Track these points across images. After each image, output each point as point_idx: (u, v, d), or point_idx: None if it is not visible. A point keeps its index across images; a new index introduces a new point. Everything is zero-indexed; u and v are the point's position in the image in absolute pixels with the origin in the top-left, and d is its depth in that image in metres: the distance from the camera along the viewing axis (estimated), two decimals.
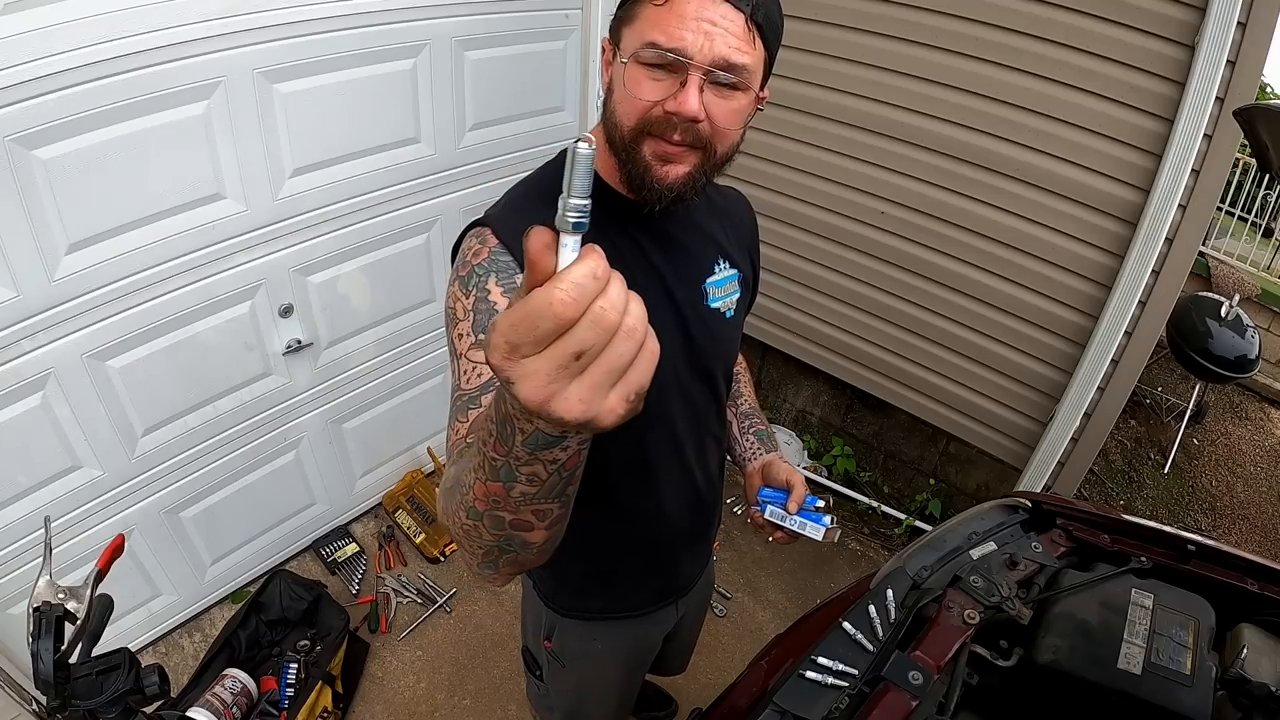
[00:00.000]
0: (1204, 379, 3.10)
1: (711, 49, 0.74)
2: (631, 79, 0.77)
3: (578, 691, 1.30)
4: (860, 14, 2.13)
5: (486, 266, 0.80)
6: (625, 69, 0.77)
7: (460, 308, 0.80)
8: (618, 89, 0.79)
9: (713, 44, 0.74)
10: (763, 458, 1.15)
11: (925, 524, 2.67)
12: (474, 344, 0.78)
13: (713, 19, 0.73)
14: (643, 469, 0.98)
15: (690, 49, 0.73)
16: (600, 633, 1.18)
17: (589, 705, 1.34)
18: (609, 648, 1.21)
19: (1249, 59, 1.64)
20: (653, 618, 1.21)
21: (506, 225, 0.82)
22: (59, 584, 1.09)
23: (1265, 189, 5.19)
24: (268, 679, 1.92)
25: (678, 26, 0.73)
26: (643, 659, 1.32)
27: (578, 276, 0.39)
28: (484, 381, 0.78)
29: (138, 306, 1.67)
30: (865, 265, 2.40)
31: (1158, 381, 3.77)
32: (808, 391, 2.97)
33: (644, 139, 0.79)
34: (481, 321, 0.78)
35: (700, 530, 1.15)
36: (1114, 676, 0.92)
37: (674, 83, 0.76)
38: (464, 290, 0.80)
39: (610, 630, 1.18)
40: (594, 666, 1.24)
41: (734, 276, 1.00)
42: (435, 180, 2.14)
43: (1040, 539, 1.21)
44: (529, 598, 1.23)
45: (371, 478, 2.53)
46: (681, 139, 0.77)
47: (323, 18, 1.70)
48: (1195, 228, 1.84)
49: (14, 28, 1.28)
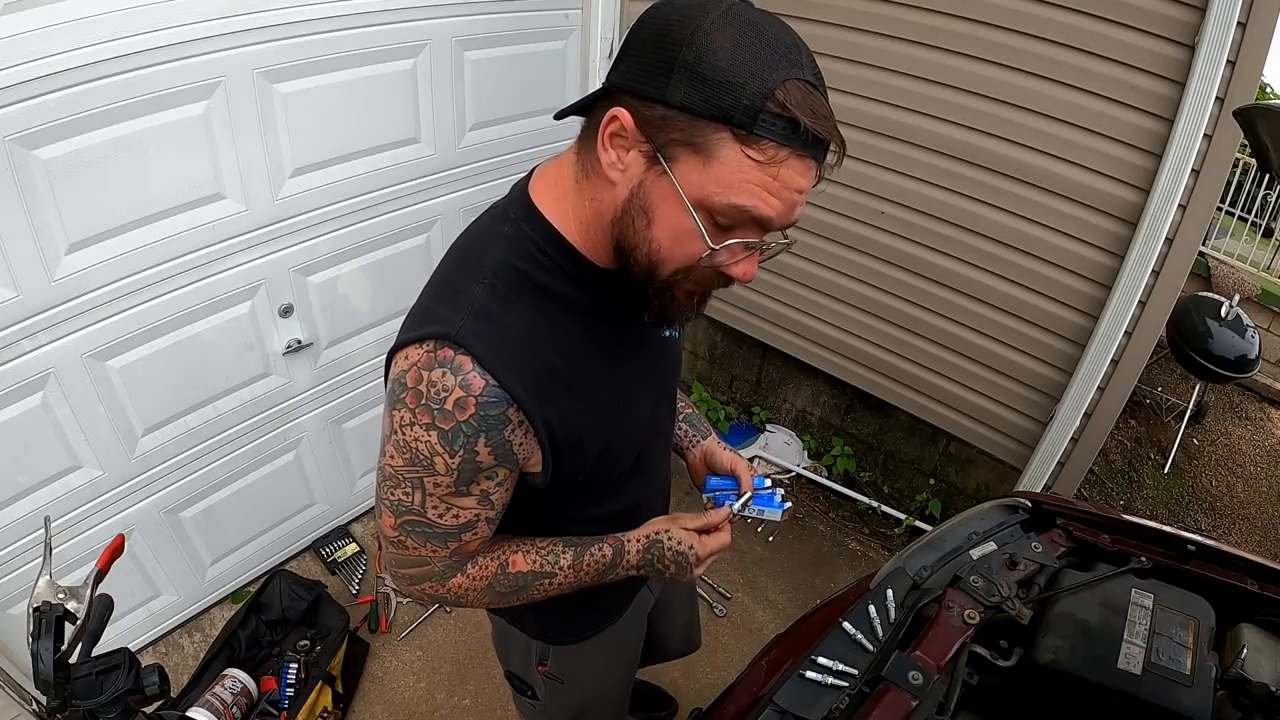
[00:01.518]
0: (1204, 379, 3.10)
1: (789, 219, 0.65)
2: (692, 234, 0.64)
3: (581, 702, 1.28)
4: (860, 14, 2.12)
5: (475, 426, 0.70)
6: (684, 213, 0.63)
7: (441, 464, 0.71)
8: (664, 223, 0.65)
9: (792, 215, 0.65)
10: (701, 445, 1.13)
11: (925, 524, 2.67)
12: (452, 492, 0.74)
13: (803, 188, 0.63)
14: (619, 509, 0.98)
15: (777, 223, 0.64)
16: (593, 646, 1.17)
17: (594, 710, 1.33)
18: (604, 655, 1.22)
19: (1249, 59, 1.64)
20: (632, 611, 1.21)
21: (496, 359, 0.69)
22: (59, 584, 1.09)
23: (1265, 189, 5.19)
24: (268, 679, 1.93)
25: (774, 196, 0.62)
26: (635, 649, 1.32)
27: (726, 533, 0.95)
28: (463, 523, 0.78)
29: (138, 306, 1.67)
30: (865, 265, 2.40)
31: (1158, 381, 3.77)
32: (808, 391, 2.97)
33: (682, 281, 0.70)
34: (466, 479, 0.74)
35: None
36: (1114, 676, 0.92)
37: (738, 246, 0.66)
38: (446, 447, 0.70)
39: (602, 641, 1.17)
40: (593, 676, 1.24)
41: None
42: (435, 180, 2.14)
43: (1040, 539, 1.21)
44: (508, 634, 1.19)
45: (372, 477, 2.51)
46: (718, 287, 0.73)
47: (323, 18, 1.70)
48: (1195, 228, 1.84)
49: (14, 28, 1.28)
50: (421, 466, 0.72)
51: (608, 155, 0.66)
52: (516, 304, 0.72)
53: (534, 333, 0.73)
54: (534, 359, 0.72)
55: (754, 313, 2.76)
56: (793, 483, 2.92)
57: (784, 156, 0.60)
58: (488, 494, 0.77)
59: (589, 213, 0.72)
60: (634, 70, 0.63)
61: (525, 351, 0.72)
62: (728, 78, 0.58)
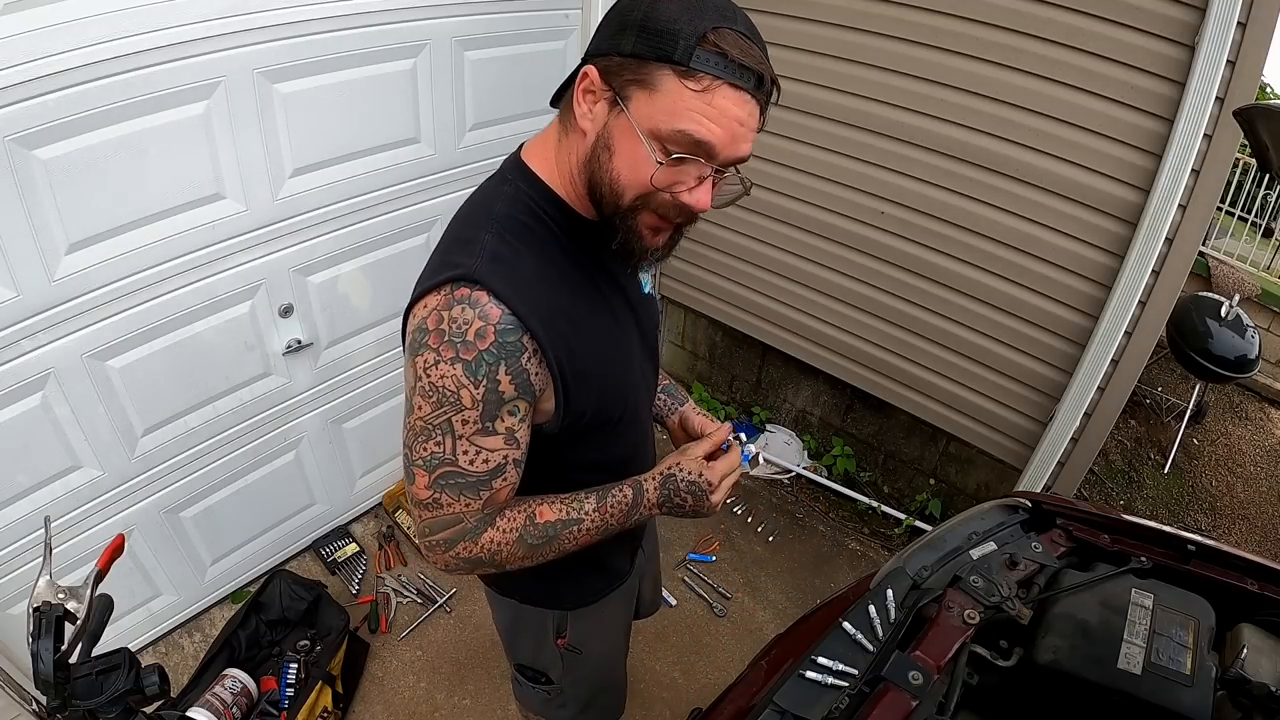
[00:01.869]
0: (1204, 379, 3.10)
1: (736, 150, 0.73)
2: (642, 158, 0.73)
3: (596, 673, 1.32)
4: (860, 14, 2.13)
5: (495, 354, 0.76)
6: (639, 141, 0.72)
7: (468, 396, 0.77)
8: (619, 155, 0.74)
9: (737, 145, 0.73)
10: (679, 410, 1.18)
11: (925, 524, 2.67)
12: (479, 430, 0.79)
13: (742, 118, 0.72)
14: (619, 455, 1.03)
15: (719, 148, 0.72)
16: (606, 608, 1.23)
17: (611, 677, 1.39)
18: (612, 617, 1.28)
19: (1249, 59, 1.64)
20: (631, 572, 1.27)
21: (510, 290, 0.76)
22: (59, 584, 1.09)
23: (1265, 189, 5.19)
24: (268, 679, 1.93)
25: (712, 123, 0.70)
26: (630, 609, 1.38)
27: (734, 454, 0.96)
28: (493, 467, 0.82)
29: (138, 306, 1.67)
30: (865, 265, 2.40)
31: (1158, 381, 3.77)
32: (808, 391, 2.97)
33: (641, 211, 0.77)
34: (491, 411, 0.78)
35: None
36: (1114, 676, 0.92)
37: (692, 172, 0.74)
38: (471, 377, 0.76)
39: (610, 602, 1.23)
40: (607, 642, 1.31)
41: None
42: (435, 180, 2.14)
43: (1040, 539, 1.21)
44: (520, 618, 1.21)
45: (371, 478, 2.53)
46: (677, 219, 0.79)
47: (323, 18, 1.70)
48: (1195, 228, 1.84)
49: (14, 28, 1.28)
50: (449, 405, 0.77)
51: (580, 108, 0.76)
52: (523, 250, 0.80)
53: (540, 274, 0.80)
54: (543, 295, 0.79)
55: (754, 313, 2.76)
56: (793, 483, 2.92)
57: (717, 86, 0.69)
58: (512, 432, 0.82)
59: (571, 165, 0.81)
60: (599, 38, 0.76)
61: (535, 289, 0.79)
62: (669, 27, 0.69)
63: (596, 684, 1.35)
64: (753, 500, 2.81)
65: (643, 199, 0.76)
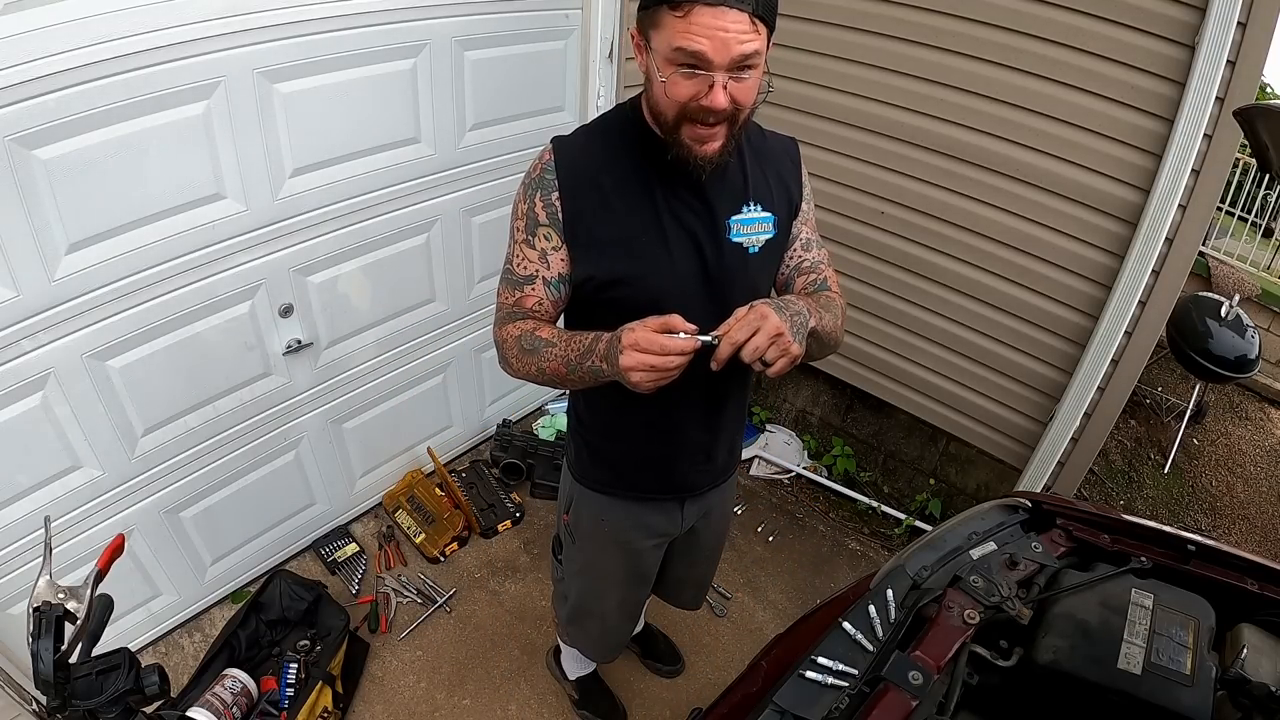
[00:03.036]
0: (1204, 379, 3.09)
1: (728, 53, 0.88)
2: (669, 80, 0.92)
3: (586, 575, 1.51)
4: (860, 14, 2.13)
5: (538, 183, 1.06)
6: (661, 70, 0.92)
7: (520, 208, 1.09)
8: (655, 84, 0.95)
9: (728, 49, 0.88)
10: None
11: (925, 524, 2.67)
12: (524, 240, 1.09)
13: (725, 26, 0.86)
14: None
15: (711, 55, 0.88)
16: (608, 511, 1.36)
17: (594, 596, 1.55)
18: (614, 529, 1.39)
19: (1249, 59, 1.64)
20: (654, 505, 1.36)
21: (565, 153, 1.07)
22: (59, 584, 1.09)
23: (1265, 189, 5.19)
24: (268, 679, 1.92)
25: (698, 36, 0.87)
26: (644, 558, 1.46)
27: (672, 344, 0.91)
28: (528, 274, 1.11)
29: (138, 306, 1.67)
30: (865, 265, 2.40)
31: (1158, 381, 3.77)
32: (808, 391, 2.97)
33: (683, 125, 0.95)
34: (531, 227, 1.08)
35: (701, 443, 1.29)
36: (1114, 676, 0.92)
37: (704, 80, 0.90)
38: (525, 195, 1.08)
39: (614, 507, 1.36)
40: (599, 549, 1.44)
41: (764, 219, 1.13)
42: (435, 180, 2.14)
43: (1040, 539, 1.21)
44: (564, 476, 1.45)
45: (371, 477, 2.53)
46: (714, 121, 0.94)
47: (323, 18, 1.70)
48: (1195, 228, 1.84)
49: (14, 28, 1.28)
50: (514, 214, 1.11)
51: (638, 60, 1.00)
52: (596, 141, 1.10)
53: (596, 158, 1.07)
54: (585, 167, 1.06)
55: None
56: (793, 483, 2.92)
57: (693, 7, 0.87)
58: (545, 254, 1.09)
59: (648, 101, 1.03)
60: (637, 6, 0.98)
61: (581, 161, 1.07)
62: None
63: (581, 593, 1.55)
64: (753, 500, 2.81)
65: (680, 114, 0.94)
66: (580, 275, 1.09)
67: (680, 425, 1.25)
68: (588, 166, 1.06)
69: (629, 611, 1.63)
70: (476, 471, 2.73)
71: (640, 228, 1.06)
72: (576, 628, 1.66)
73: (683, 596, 1.77)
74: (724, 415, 1.28)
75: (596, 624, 1.62)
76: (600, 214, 1.06)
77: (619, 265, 1.07)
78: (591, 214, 1.05)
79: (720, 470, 1.38)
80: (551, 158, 1.06)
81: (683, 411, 1.22)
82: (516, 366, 1.13)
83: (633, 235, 1.06)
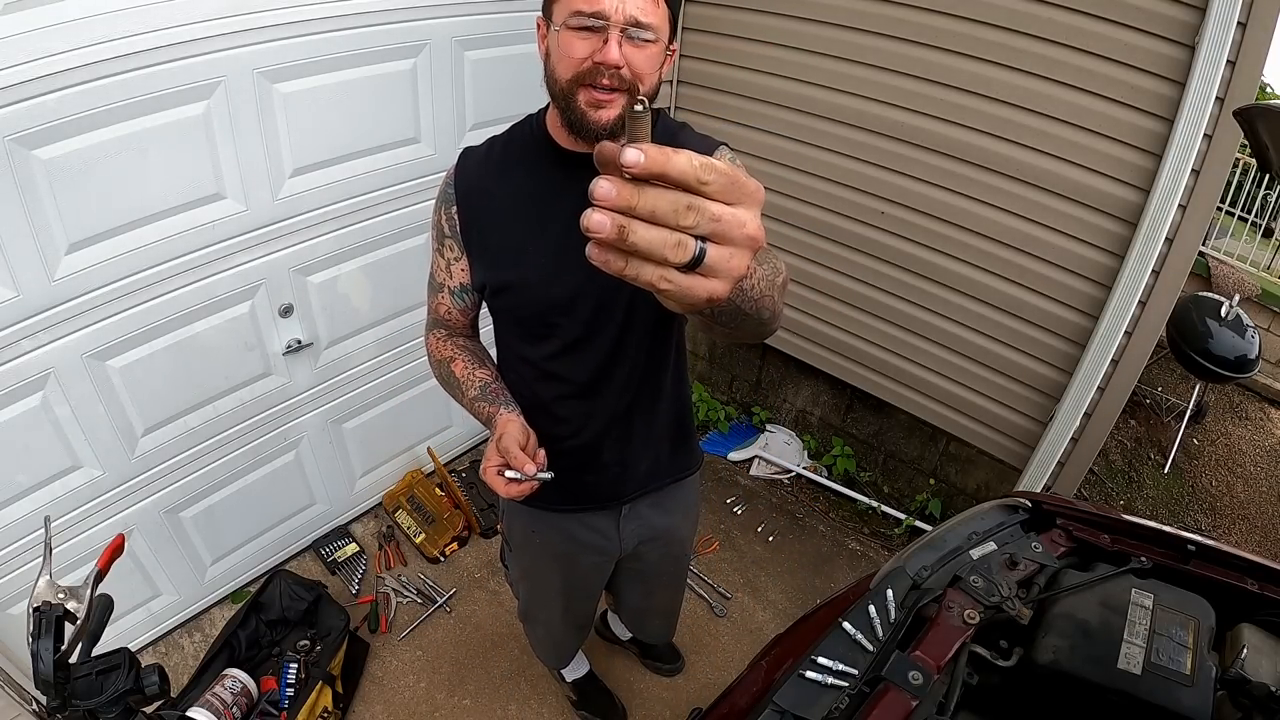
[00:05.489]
0: (1204, 379, 3.09)
1: (624, 10, 0.91)
2: (564, 42, 0.94)
3: (527, 580, 1.55)
4: (860, 14, 2.12)
5: (443, 196, 1.13)
6: (558, 35, 0.94)
7: (433, 219, 1.16)
8: (553, 52, 0.97)
9: (625, 6, 0.91)
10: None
11: (925, 524, 2.67)
12: (436, 249, 1.17)
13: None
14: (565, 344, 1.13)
15: (607, 11, 0.91)
16: (536, 523, 1.37)
17: (537, 604, 1.59)
18: (544, 541, 1.40)
19: (1249, 59, 1.64)
20: (577, 518, 1.35)
21: (464, 164, 1.13)
22: (59, 584, 1.09)
23: (1265, 189, 5.18)
24: (268, 679, 1.92)
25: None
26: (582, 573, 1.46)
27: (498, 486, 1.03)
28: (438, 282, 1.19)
29: (138, 306, 1.67)
30: (865, 265, 2.40)
31: (1158, 381, 3.77)
32: (808, 391, 2.97)
33: (578, 89, 0.95)
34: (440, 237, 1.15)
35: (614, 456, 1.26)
36: (1114, 676, 0.92)
37: (598, 40, 0.93)
38: (435, 207, 1.15)
39: (539, 521, 1.36)
40: (533, 559, 1.46)
41: None
42: (436, 180, 2.13)
43: (1040, 539, 1.21)
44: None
45: (371, 477, 2.53)
46: (609, 83, 0.93)
47: (323, 18, 1.70)
48: (1195, 228, 1.84)
49: (14, 28, 1.28)
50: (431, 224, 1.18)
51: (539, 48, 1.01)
52: (497, 149, 1.13)
53: (493, 167, 1.11)
54: (482, 179, 1.11)
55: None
56: (793, 483, 2.92)
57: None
58: (449, 265, 1.16)
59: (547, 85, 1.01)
60: None
61: (479, 173, 1.11)
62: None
63: (526, 598, 1.61)
64: (753, 500, 2.81)
65: (575, 77, 0.94)
66: (478, 283, 1.13)
67: (587, 441, 1.22)
68: (483, 176, 1.10)
69: (574, 622, 1.65)
70: (476, 471, 2.73)
71: (529, 234, 1.07)
72: (529, 629, 1.75)
73: (649, 628, 1.79)
74: (632, 425, 1.24)
75: (543, 630, 1.69)
76: (491, 222, 1.09)
77: (507, 273, 1.09)
78: (484, 222, 1.09)
79: (645, 476, 1.32)
80: (450, 174, 1.12)
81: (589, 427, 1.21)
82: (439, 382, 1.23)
83: (522, 243, 1.07)
